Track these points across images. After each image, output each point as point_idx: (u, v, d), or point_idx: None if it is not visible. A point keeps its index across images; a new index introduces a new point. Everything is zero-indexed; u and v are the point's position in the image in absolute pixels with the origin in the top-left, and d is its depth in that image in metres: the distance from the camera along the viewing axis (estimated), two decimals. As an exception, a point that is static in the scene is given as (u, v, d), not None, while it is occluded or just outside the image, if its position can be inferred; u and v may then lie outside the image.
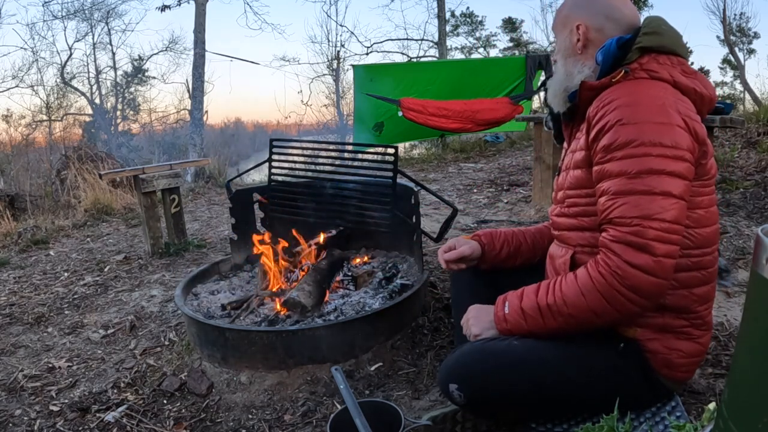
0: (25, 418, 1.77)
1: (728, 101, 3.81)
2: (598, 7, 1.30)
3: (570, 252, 1.28)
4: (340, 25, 27.26)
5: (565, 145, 1.48)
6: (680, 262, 1.17)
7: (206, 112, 11.78)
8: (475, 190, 4.96)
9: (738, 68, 19.36)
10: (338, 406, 1.66)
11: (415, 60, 16.22)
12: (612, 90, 1.17)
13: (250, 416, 1.68)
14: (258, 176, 6.56)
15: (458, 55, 20.36)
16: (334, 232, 2.64)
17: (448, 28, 17.10)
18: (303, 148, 3.10)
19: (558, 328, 1.19)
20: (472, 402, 1.22)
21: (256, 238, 2.44)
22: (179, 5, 11.09)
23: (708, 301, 1.25)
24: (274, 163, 2.56)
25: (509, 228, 1.64)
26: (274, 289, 2.29)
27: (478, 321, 1.31)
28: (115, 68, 21.98)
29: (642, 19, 1.28)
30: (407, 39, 18.88)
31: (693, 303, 1.21)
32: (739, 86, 19.56)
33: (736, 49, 19.13)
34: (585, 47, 1.31)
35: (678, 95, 1.16)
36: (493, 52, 21.28)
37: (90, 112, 20.93)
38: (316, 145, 3.52)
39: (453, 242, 1.57)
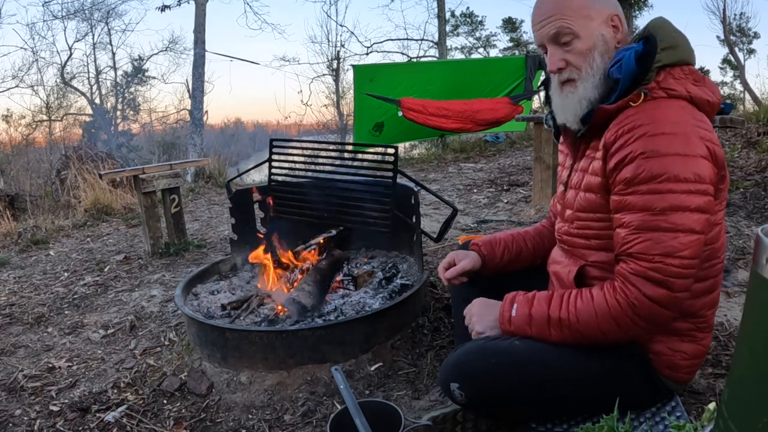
0: (25, 418, 1.76)
1: (728, 101, 3.81)
2: None
3: (578, 266, 1.28)
4: (340, 25, 27.25)
5: (563, 155, 1.44)
6: None
7: (206, 112, 11.78)
8: (475, 190, 4.96)
9: (738, 68, 19.37)
10: (338, 406, 1.66)
11: (415, 60, 16.21)
12: (631, 115, 1.13)
13: (250, 416, 1.68)
14: (258, 176, 6.56)
15: (458, 55, 20.40)
16: (333, 232, 2.64)
17: (448, 28, 17.10)
18: (303, 148, 3.10)
19: (561, 339, 1.19)
20: (473, 401, 1.22)
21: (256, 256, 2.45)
22: (179, 5, 11.09)
23: (714, 306, 1.26)
24: (274, 163, 2.56)
25: (508, 231, 1.62)
26: (274, 289, 2.29)
27: (481, 318, 1.30)
28: (115, 68, 22.00)
29: (649, 24, 1.22)
30: (407, 39, 18.88)
31: (701, 309, 1.23)
32: (739, 86, 19.59)
33: (736, 49, 19.14)
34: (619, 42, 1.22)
35: (695, 114, 1.13)
36: (493, 52, 21.31)
37: (90, 112, 20.93)
38: (316, 145, 3.52)
39: (452, 257, 1.53)
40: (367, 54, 17.59)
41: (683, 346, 1.23)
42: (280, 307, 2.10)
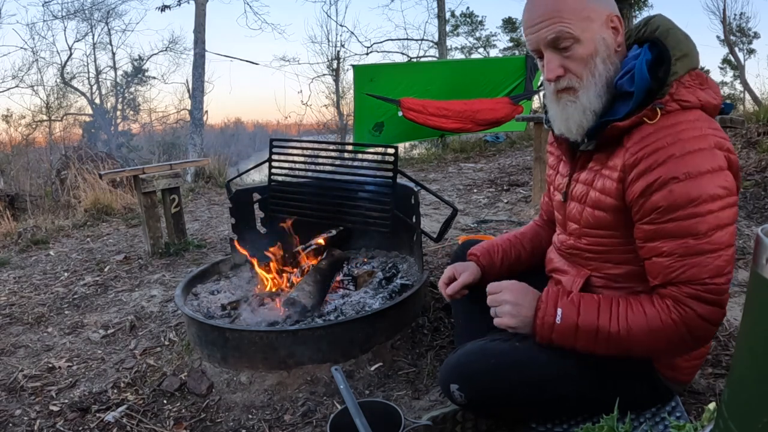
0: (25, 418, 1.76)
1: (728, 101, 3.81)
2: None
3: (584, 277, 1.25)
4: (340, 25, 27.21)
5: (553, 158, 1.39)
6: None
7: (206, 112, 11.78)
8: (475, 190, 4.96)
9: (738, 68, 19.38)
10: (338, 406, 1.66)
11: (415, 60, 16.21)
12: (650, 134, 1.07)
13: (250, 416, 1.69)
14: (258, 176, 6.56)
15: (458, 55, 20.41)
16: (333, 232, 2.64)
17: (448, 28, 17.11)
18: (303, 148, 3.10)
19: (601, 353, 1.14)
20: (473, 402, 1.22)
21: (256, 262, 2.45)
22: (179, 5, 11.08)
23: None
24: (274, 163, 2.56)
25: (504, 236, 1.58)
26: (273, 290, 2.29)
27: (517, 312, 1.18)
28: (115, 68, 21.98)
29: (651, 24, 1.16)
30: (407, 39, 18.86)
31: None
32: (739, 86, 19.61)
33: (736, 49, 19.15)
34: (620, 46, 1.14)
35: (710, 122, 1.09)
36: (493, 52, 21.32)
37: (90, 112, 20.92)
38: (316, 145, 3.52)
39: (452, 271, 1.49)
40: (367, 54, 17.60)
41: None
42: (279, 307, 2.10)
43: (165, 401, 1.80)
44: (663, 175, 1.04)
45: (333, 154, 3.25)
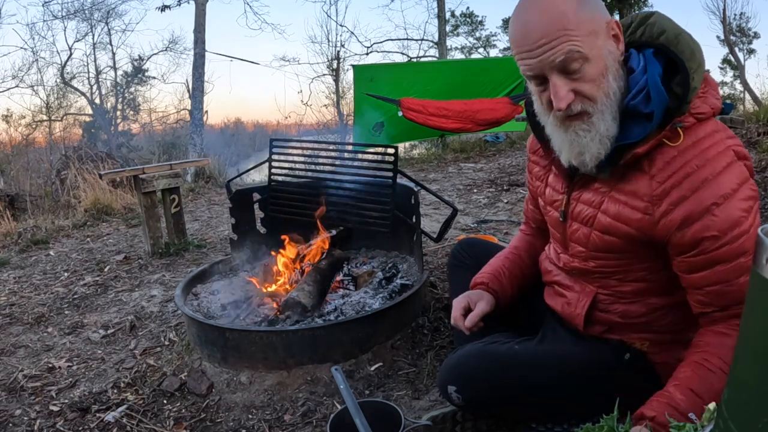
0: (25, 418, 1.76)
1: (728, 101, 3.81)
2: None
3: (591, 296, 1.21)
4: (340, 25, 27.11)
5: (540, 168, 1.32)
6: None
7: (206, 112, 11.77)
8: (475, 190, 4.96)
9: (738, 68, 19.37)
10: (338, 406, 1.66)
11: (415, 60, 16.22)
12: (675, 158, 1.01)
13: (250, 416, 1.69)
14: (258, 176, 6.56)
15: (458, 55, 20.40)
16: (334, 232, 2.63)
17: (448, 28, 17.11)
18: (303, 148, 3.10)
19: None
20: (471, 403, 1.23)
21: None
22: (179, 5, 11.07)
23: None
24: (274, 163, 2.56)
25: (501, 255, 1.51)
26: (273, 289, 2.29)
27: None
28: (115, 68, 21.94)
29: (654, 26, 1.06)
30: (407, 39, 18.82)
31: None
32: (739, 86, 19.60)
33: (736, 49, 19.14)
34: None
35: (726, 130, 1.04)
36: (493, 52, 21.30)
37: (90, 112, 20.90)
38: (316, 145, 3.52)
39: (465, 301, 1.38)
40: (367, 54, 17.60)
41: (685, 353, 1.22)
42: (279, 307, 2.10)
43: (165, 401, 1.80)
44: (701, 202, 0.98)
45: (333, 154, 3.25)
